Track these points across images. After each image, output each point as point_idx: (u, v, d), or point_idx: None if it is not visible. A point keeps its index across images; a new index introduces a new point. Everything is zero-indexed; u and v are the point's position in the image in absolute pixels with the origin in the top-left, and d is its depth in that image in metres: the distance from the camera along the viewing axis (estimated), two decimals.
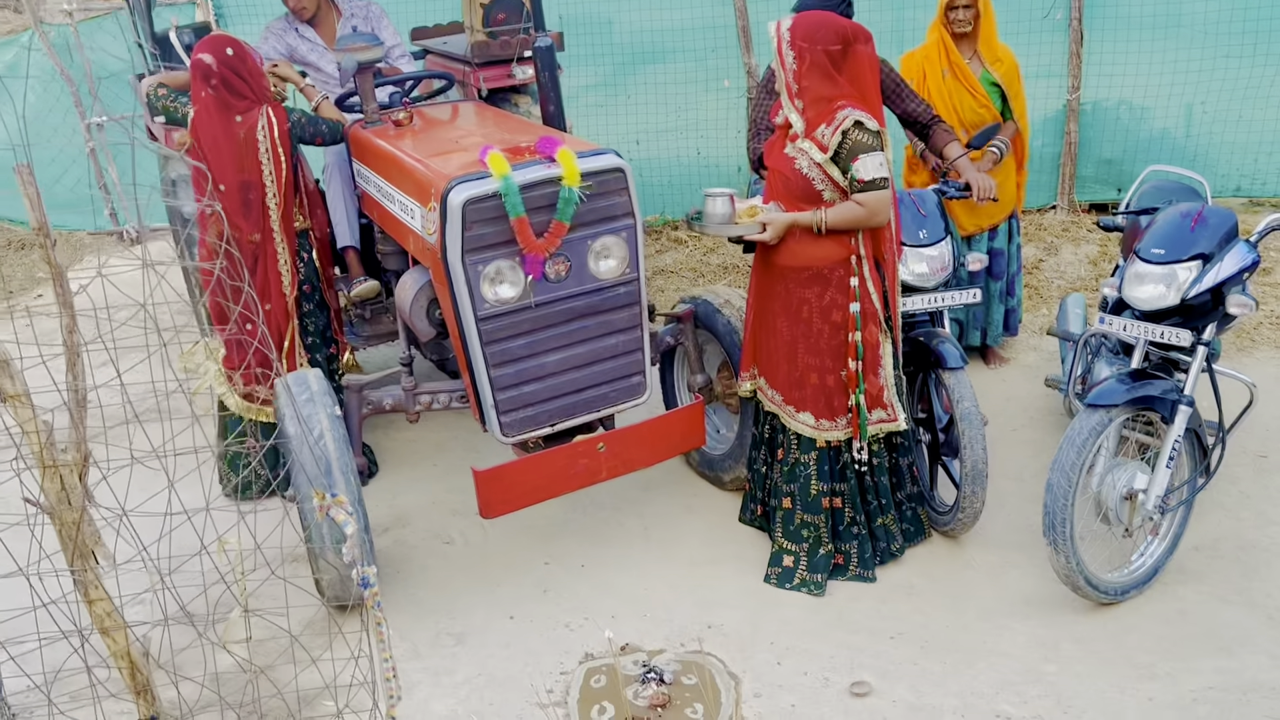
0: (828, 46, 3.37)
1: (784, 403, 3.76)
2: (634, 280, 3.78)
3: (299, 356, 4.39)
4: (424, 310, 3.89)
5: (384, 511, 4.51)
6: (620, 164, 3.64)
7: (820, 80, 3.40)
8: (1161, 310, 3.51)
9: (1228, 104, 6.68)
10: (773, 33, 3.44)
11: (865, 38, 3.43)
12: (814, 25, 3.38)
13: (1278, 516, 4.00)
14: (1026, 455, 4.56)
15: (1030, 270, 6.33)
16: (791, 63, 3.41)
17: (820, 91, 3.41)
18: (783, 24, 3.43)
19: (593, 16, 7.29)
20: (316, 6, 5.16)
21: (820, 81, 3.40)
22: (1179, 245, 3.47)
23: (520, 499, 3.71)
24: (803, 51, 3.38)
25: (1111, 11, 6.69)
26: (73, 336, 1.97)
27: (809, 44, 3.37)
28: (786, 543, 3.84)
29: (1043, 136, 6.97)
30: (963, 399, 3.74)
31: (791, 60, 3.40)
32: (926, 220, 4.01)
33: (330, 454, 3.54)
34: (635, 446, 3.86)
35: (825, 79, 3.40)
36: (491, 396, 3.66)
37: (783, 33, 3.41)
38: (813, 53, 3.37)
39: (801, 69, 3.40)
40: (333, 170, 4.74)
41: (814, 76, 3.40)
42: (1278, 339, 5.36)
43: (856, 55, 3.41)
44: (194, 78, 4.10)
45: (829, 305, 3.59)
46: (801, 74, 3.41)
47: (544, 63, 4.46)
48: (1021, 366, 5.40)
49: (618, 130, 7.35)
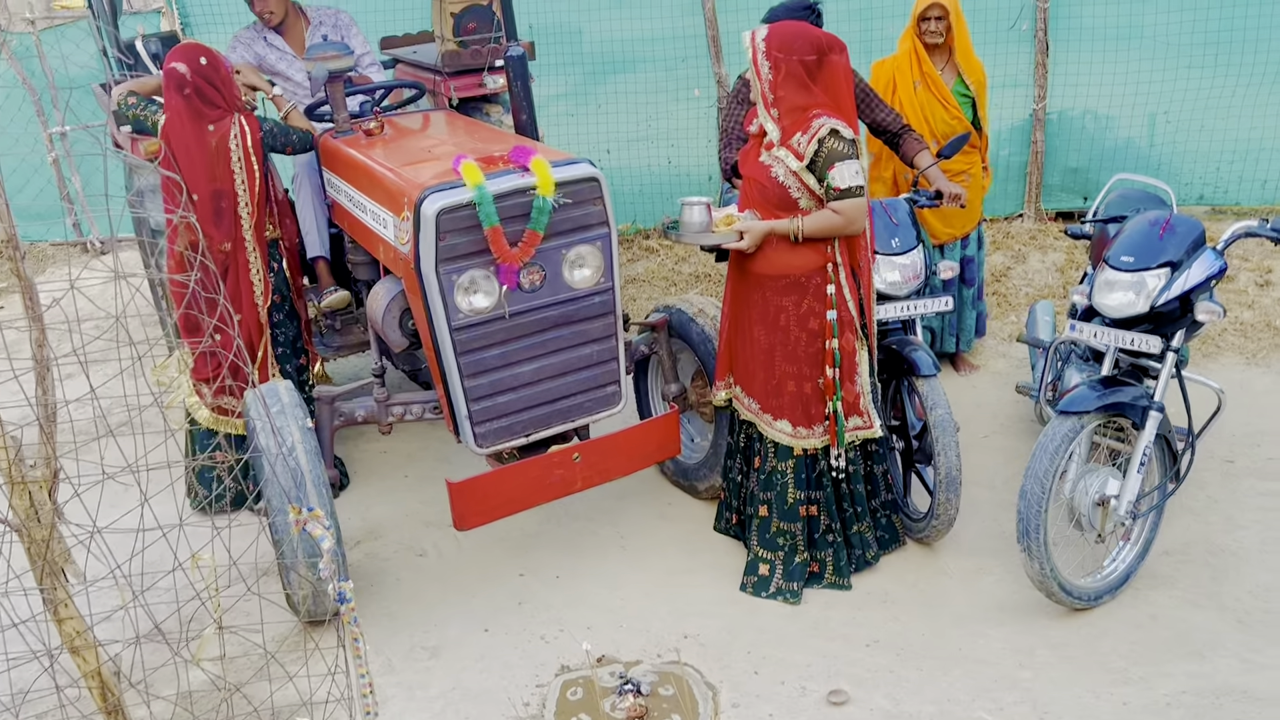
0: (803, 56, 3.38)
1: (761, 411, 3.76)
2: (609, 289, 3.77)
3: (271, 367, 4.35)
4: (396, 320, 3.86)
5: (356, 524, 4.46)
6: (594, 173, 3.63)
7: (796, 90, 3.41)
8: (1131, 317, 3.54)
9: (1190, 114, 6.77)
10: (747, 43, 3.45)
11: (840, 48, 3.45)
12: (790, 35, 3.40)
13: (1246, 521, 4.05)
14: (998, 462, 4.59)
15: (998, 278, 6.38)
16: (767, 72, 3.42)
17: (796, 101, 3.42)
18: (757, 34, 3.44)
19: (562, 26, 7.28)
20: (284, 14, 5.12)
21: (796, 91, 3.41)
22: (1148, 253, 3.51)
23: (495, 510, 3.69)
24: (778, 61, 3.39)
25: (1076, 23, 6.77)
26: (42, 350, 1.93)
27: (784, 54, 3.38)
28: (763, 551, 3.84)
29: (1009, 146, 7.03)
30: (936, 406, 3.76)
31: (767, 70, 3.42)
32: (899, 229, 4.03)
33: (302, 466, 3.50)
34: (611, 456, 3.84)
35: (800, 88, 3.41)
36: (466, 407, 3.63)
37: (758, 43, 3.42)
38: (788, 62, 3.38)
39: (777, 79, 3.41)
40: (302, 180, 4.70)
41: (789, 86, 3.41)
42: (1242, 346, 5.43)
43: (831, 65, 3.43)
44: (167, 86, 4.06)
45: (806, 313, 3.59)
46: (777, 83, 3.42)
47: (516, 72, 4.46)
48: (991, 373, 5.44)
49: (588, 139, 7.34)
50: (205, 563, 2.24)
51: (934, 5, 4.81)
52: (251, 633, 3.12)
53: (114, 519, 2.11)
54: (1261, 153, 6.77)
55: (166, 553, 2.20)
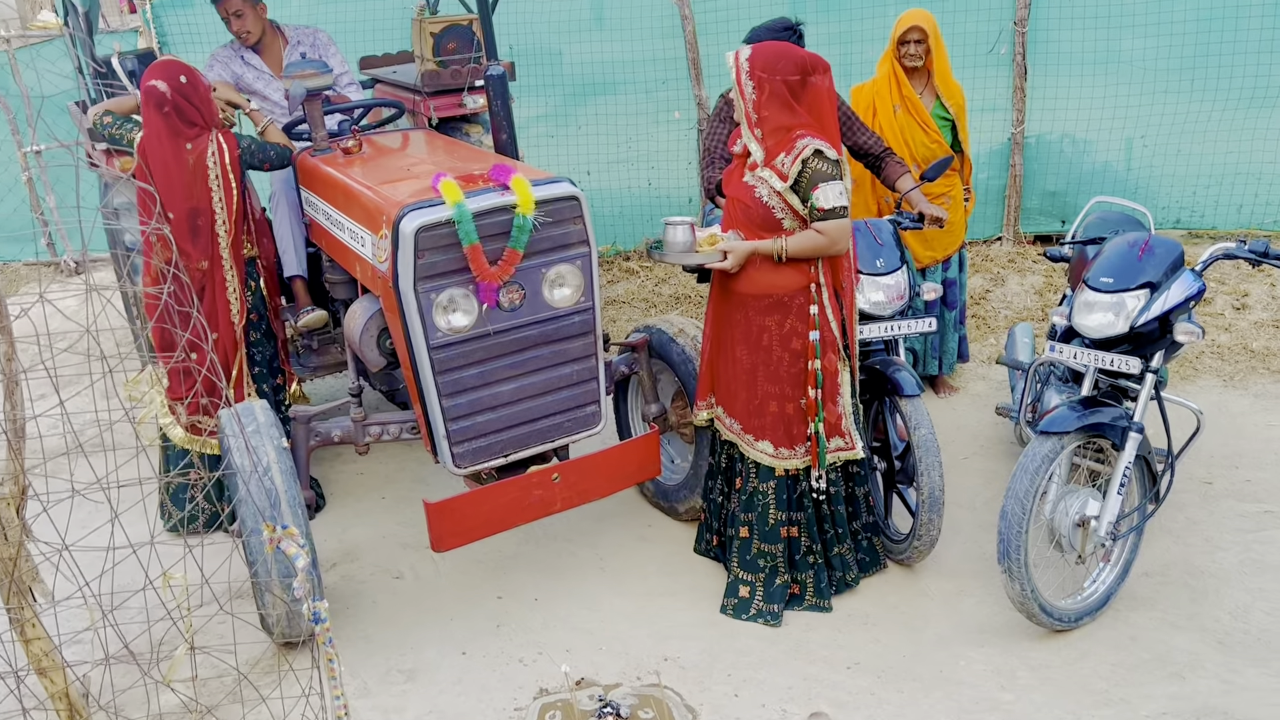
0: (786, 77, 3.39)
1: (743, 431, 3.74)
2: (589, 309, 3.75)
3: (246, 386, 4.30)
4: (374, 340, 3.83)
5: (332, 546, 4.41)
6: (575, 192, 3.62)
7: (779, 110, 3.41)
8: (1111, 338, 3.55)
9: (1166, 138, 6.85)
10: (731, 63, 3.45)
11: (823, 69, 3.46)
12: (773, 56, 3.40)
13: (1224, 543, 4.06)
14: (978, 483, 4.59)
15: (977, 300, 6.41)
16: (751, 92, 3.42)
17: (779, 121, 3.42)
18: (741, 54, 3.44)
19: (543, 47, 7.29)
20: (261, 33, 5.10)
21: (779, 111, 3.41)
22: (1127, 274, 3.52)
23: (473, 531, 3.65)
24: (762, 81, 3.39)
25: (1054, 48, 6.84)
26: (10, 365, 1.89)
27: (768, 74, 3.38)
28: (743, 572, 3.81)
29: (988, 169, 7.08)
30: (919, 426, 3.75)
31: (751, 90, 3.41)
32: (883, 249, 4.03)
33: (277, 487, 3.45)
34: (590, 477, 3.81)
35: (784, 108, 3.41)
36: (444, 427, 3.60)
37: (741, 63, 3.42)
38: (772, 83, 3.39)
39: (761, 98, 3.41)
40: (279, 198, 4.66)
41: (773, 106, 3.41)
42: (1219, 368, 5.46)
43: (815, 86, 3.43)
44: (145, 104, 4.03)
45: (789, 333, 3.58)
46: (761, 103, 3.42)
47: (496, 91, 4.45)
48: (971, 395, 5.44)
49: (568, 160, 7.34)
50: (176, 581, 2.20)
51: (913, 29, 4.84)
52: (224, 653, 3.06)
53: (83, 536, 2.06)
54: (1236, 177, 6.85)
55: (137, 572, 2.16)
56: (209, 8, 5.08)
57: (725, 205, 3.69)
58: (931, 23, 4.85)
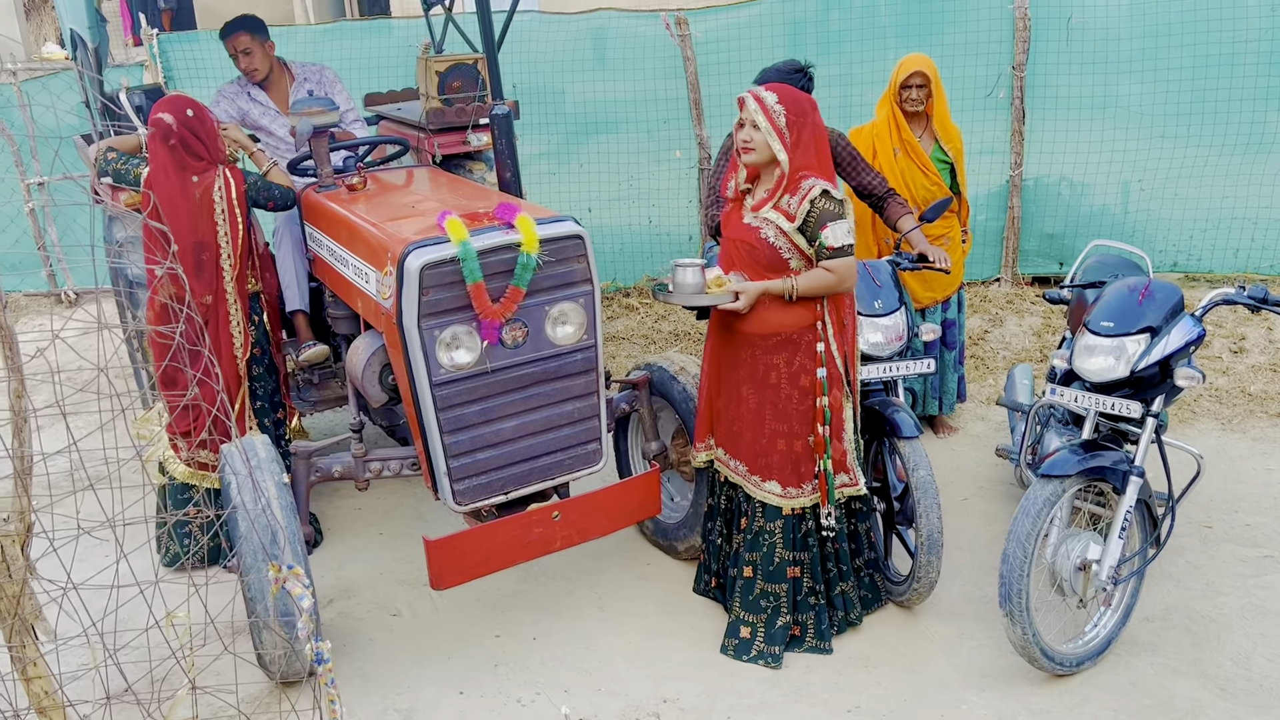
0: (813, 118, 3.46)
1: (749, 472, 3.74)
2: (591, 347, 3.76)
3: (249, 421, 4.30)
4: (376, 375, 3.83)
5: (330, 582, 4.39)
6: (579, 231, 3.64)
7: (804, 149, 3.46)
8: (1111, 382, 3.56)
9: (1164, 182, 6.91)
10: (753, 105, 3.43)
11: (817, 108, 3.54)
12: (796, 98, 3.46)
13: (1225, 587, 4.05)
14: (978, 525, 4.58)
15: (976, 341, 6.43)
16: (789, 134, 3.43)
17: (802, 160, 3.46)
18: (765, 97, 3.44)
19: (546, 86, 7.36)
20: (269, 70, 5.15)
21: (804, 150, 3.46)
22: (1127, 318, 3.54)
23: (473, 569, 3.63)
24: (792, 123, 3.42)
25: (1052, 92, 6.92)
26: (20, 402, 1.89)
27: (799, 117, 3.43)
28: (744, 613, 3.80)
29: (986, 211, 7.14)
30: (918, 467, 3.76)
31: (785, 128, 3.42)
32: (881, 290, 4.05)
33: (277, 523, 3.44)
34: (590, 515, 3.80)
35: (800, 150, 3.46)
36: (445, 463, 3.60)
37: (770, 104, 3.42)
38: (800, 124, 3.43)
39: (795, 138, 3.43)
40: (283, 233, 4.69)
41: (803, 145, 3.45)
42: (1218, 412, 5.48)
43: (815, 125, 3.50)
44: (152, 137, 4.06)
45: (798, 370, 3.60)
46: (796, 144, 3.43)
47: (501, 129, 4.49)
48: (970, 436, 5.45)
49: (570, 198, 7.39)
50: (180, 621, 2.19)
51: (916, 74, 4.89)
52: (225, 693, 3.04)
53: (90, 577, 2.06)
54: (1233, 221, 6.90)
55: (139, 611, 2.15)
56: (215, 43, 5.13)
57: (724, 246, 3.71)
58: (932, 68, 4.91)
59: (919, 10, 7.00)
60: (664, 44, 7.12)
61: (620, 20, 7.30)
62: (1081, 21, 6.76)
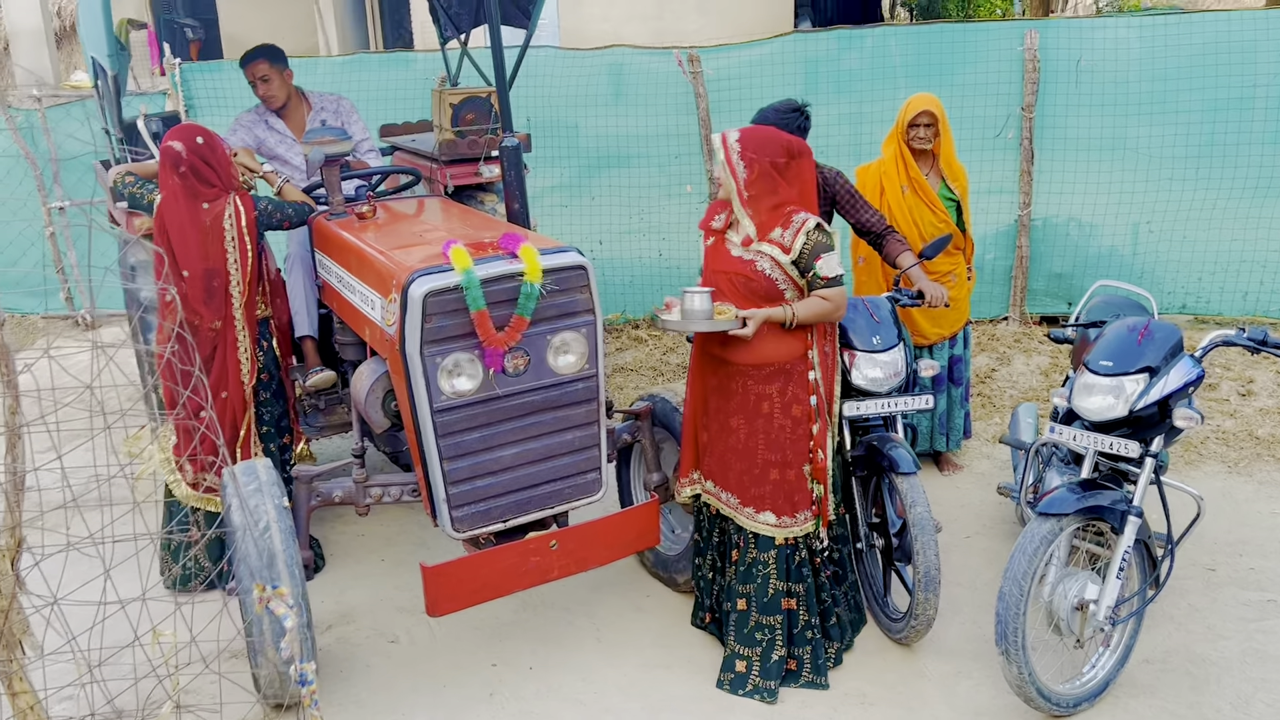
0: (775, 158, 3.58)
1: (741, 504, 3.75)
2: (592, 376, 3.79)
3: (254, 446, 4.33)
4: (379, 401, 3.86)
5: (329, 607, 4.40)
6: (582, 261, 3.68)
7: (770, 188, 3.59)
8: (1110, 421, 3.56)
9: (1172, 224, 6.91)
10: (718, 144, 3.63)
11: (806, 153, 3.68)
12: (762, 139, 3.60)
13: (1227, 631, 4.02)
14: (980, 563, 4.56)
15: (983, 379, 6.43)
16: (742, 171, 3.59)
17: (772, 199, 3.60)
18: (729, 136, 3.62)
19: (560, 120, 7.45)
20: (286, 98, 5.23)
21: (770, 189, 3.59)
22: (1126, 358, 3.54)
23: (470, 597, 3.64)
24: (752, 162, 3.57)
25: (1061, 133, 6.95)
26: (14, 418, 1.93)
27: (758, 155, 3.57)
28: (740, 647, 3.79)
29: (995, 250, 7.15)
30: (915, 504, 3.75)
31: (742, 170, 3.59)
32: (880, 326, 4.07)
33: (275, 546, 3.46)
34: (589, 545, 3.81)
35: (774, 187, 3.60)
36: (444, 490, 3.62)
37: (731, 144, 3.60)
38: (760, 163, 3.57)
39: (751, 177, 3.59)
40: (294, 259, 4.75)
41: (764, 184, 3.59)
42: (1224, 454, 5.45)
43: (800, 167, 3.64)
44: (163, 164, 4.12)
45: (790, 400, 3.65)
46: (751, 181, 3.59)
47: (510, 161, 4.54)
48: (974, 474, 5.43)
49: (581, 230, 7.45)
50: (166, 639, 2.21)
51: (924, 113, 4.93)
52: (210, 713, 3.05)
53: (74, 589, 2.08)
54: (1242, 264, 6.89)
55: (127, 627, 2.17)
56: (236, 72, 5.22)
57: (710, 279, 3.74)
58: (939, 107, 4.95)
59: (930, 51, 7.06)
60: (677, 81, 7.20)
61: (635, 57, 7.39)
62: (1090, 64, 6.80)
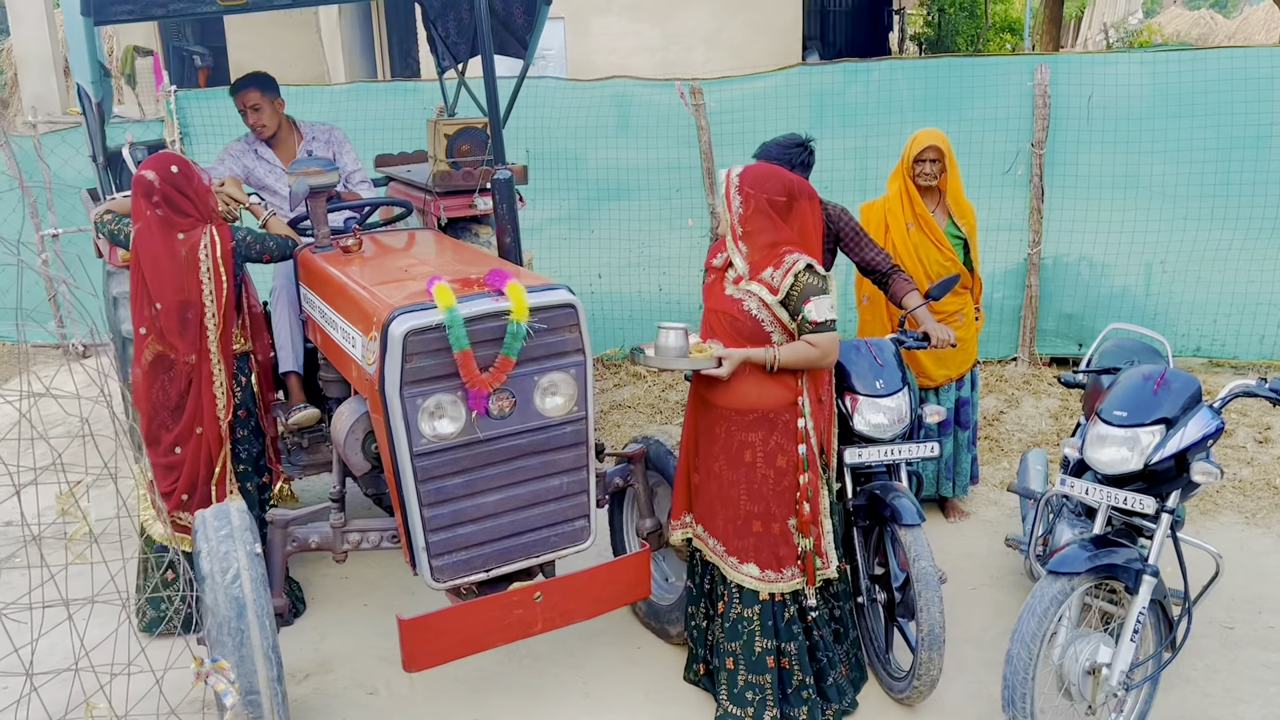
0: (773, 196, 3.46)
1: (726, 553, 3.59)
2: (582, 419, 3.62)
3: (229, 484, 4.17)
4: (359, 443, 3.71)
5: (308, 655, 4.23)
6: (571, 300, 3.53)
7: (766, 226, 3.47)
8: (1124, 474, 3.38)
9: (1187, 265, 6.75)
10: (722, 179, 3.54)
11: (810, 195, 3.56)
12: (762, 175, 3.49)
13: (1246, 694, 3.82)
14: (987, 617, 4.37)
15: (990, 422, 6.25)
16: (738, 206, 3.49)
17: (766, 237, 3.48)
18: (732, 172, 3.52)
19: (562, 152, 7.33)
20: (277, 127, 5.12)
21: (766, 227, 3.47)
22: (1141, 408, 3.37)
23: (448, 651, 3.46)
24: (749, 197, 3.46)
25: (1072, 170, 6.80)
26: None
27: (755, 191, 3.46)
28: (731, 706, 3.61)
29: (1003, 289, 6.99)
30: (919, 558, 3.57)
31: (739, 204, 3.48)
32: (884, 370, 3.90)
33: (245, 595, 3.30)
34: (575, 597, 3.63)
35: (771, 225, 3.47)
36: (423, 538, 3.45)
37: (732, 179, 3.50)
38: (758, 199, 3.46)
39: (747, 213, 3.48)
40: (279, 293, 4.61)
41: (759, 221, 3.47)
42: (1241, 504, 5.25)
43: (800, 208, 3.52)
44: (135, 194, 4.00)
45: (774, 450, 3.50)
46: (747, 217, 3.48)
47: (502, 195, 4.42)
48: (981, 521, 5.25)
49: (581, 263, 7.32)
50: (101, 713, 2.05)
51: (929, 148, 4.79)
52: None
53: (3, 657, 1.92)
54: (1259, 307, 6.72)
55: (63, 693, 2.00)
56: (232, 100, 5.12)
57: (705, 317, 3.67)
58: (946, 142, 4.81)
59: (938, 85, 6.94)
60: (679, 113, 7.08)
61: (637, 88, 7.29)
62: (1101, 100, 6.66)
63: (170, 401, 4.13)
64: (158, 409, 4.16)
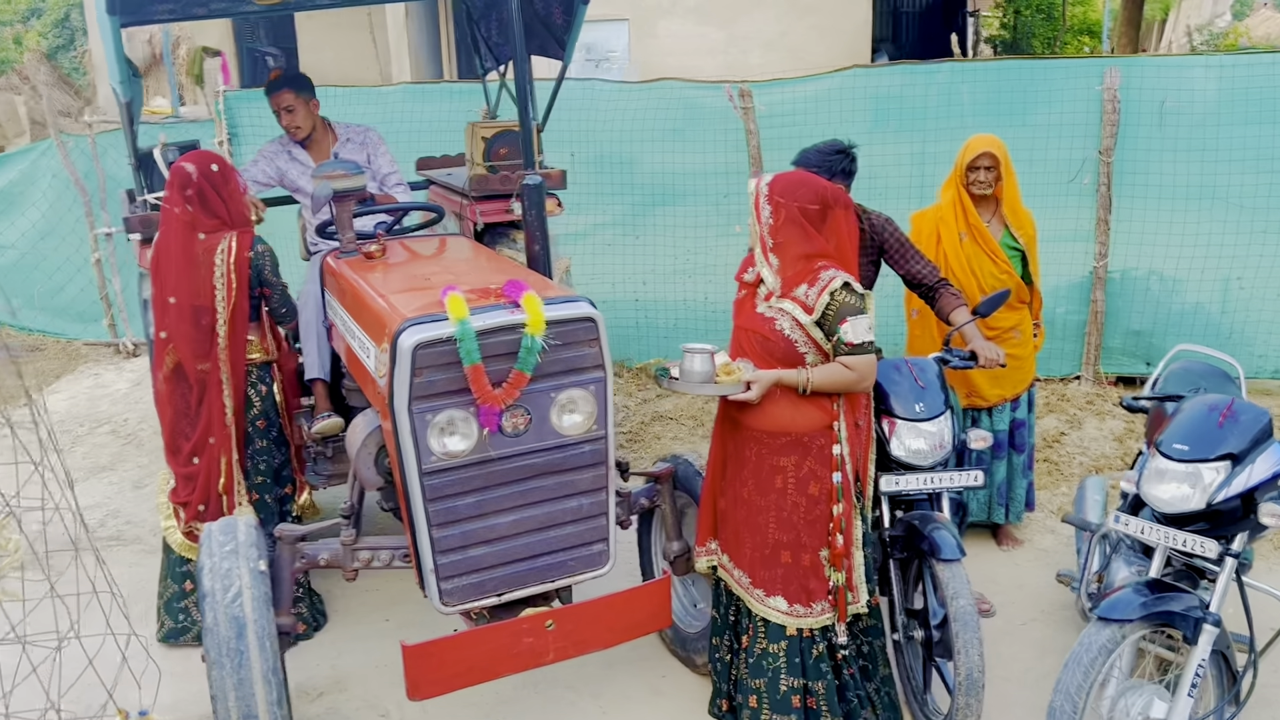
0: (805, 205, 3.24)
1: (752, 585, 3.38)
2: (601, 438, 3.43)
3: (238, 495, 4.07)
4: (372, 457, 3.58)
5: (323, 672, 4.11)
6: (591, 313, 3.34)
7: (798, 237, 3.25)
8: (1185, 514, 3.11)
9: (1265, 281, 6.35)
10: (751, 189, 3.34)
11: (845, 204, 3.33)
12: (793, 183, 3.27)
13: None
14: (1034, 655, 4.10)
15: (1050, 444, 5.93)
16: (768, 216, 3.28)
17: (799, 249, 3.25)
18: (761, 180, 3.32)
19: (609, 156, 7.17)
20: (311, 129, 5.04)
21: (798, 239, 3.25)
22: (1205, 443, 3.09)
23: (455, 680, 3.30)
24: (779, 206, 3.25)
25: (1142, 179, 6.44)
26: None
27: (786, 199, 3.24)
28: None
29: (1067, 303, 6.66)
30: (958, 595, 3.33)
31: (768, 214, 3.28)
32: (925, 392, 3.66)
33: (245, 615, 3.18)
34: (590, 626, 3.44)
35: (803, 236, 3.25)
36: (432, 560, 3.29)
37: (761, 188, 3.30)
38: (789, 208, 3.24)
39: (777, 223, 3.26)
40: (305, 298, 4.52)
41: (790, 231, 3.25)
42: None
43: (835, 218, 3.28)
44: (171, 184, 3.93)
45: (806, 476, 3.28)
46: (777, 228, 3.26)
47: (531, 201, 4.24)
48: (1036, 550, 4.96)
49: (626, 270, 7.15)
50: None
51: (984, 155, 4.53)
52: None
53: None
54: None
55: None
56: None
57: (735, 334, 3.46)
58: (1002, 149, 4.54)
59: (1003, 88, 6.64)
60: (729, 116, 6.87)
61: (686, 91, 7.09)
62: (1176, 106, 6.31)
63: (190, 410, 4.05)
64: (178, 417, 4.09)
